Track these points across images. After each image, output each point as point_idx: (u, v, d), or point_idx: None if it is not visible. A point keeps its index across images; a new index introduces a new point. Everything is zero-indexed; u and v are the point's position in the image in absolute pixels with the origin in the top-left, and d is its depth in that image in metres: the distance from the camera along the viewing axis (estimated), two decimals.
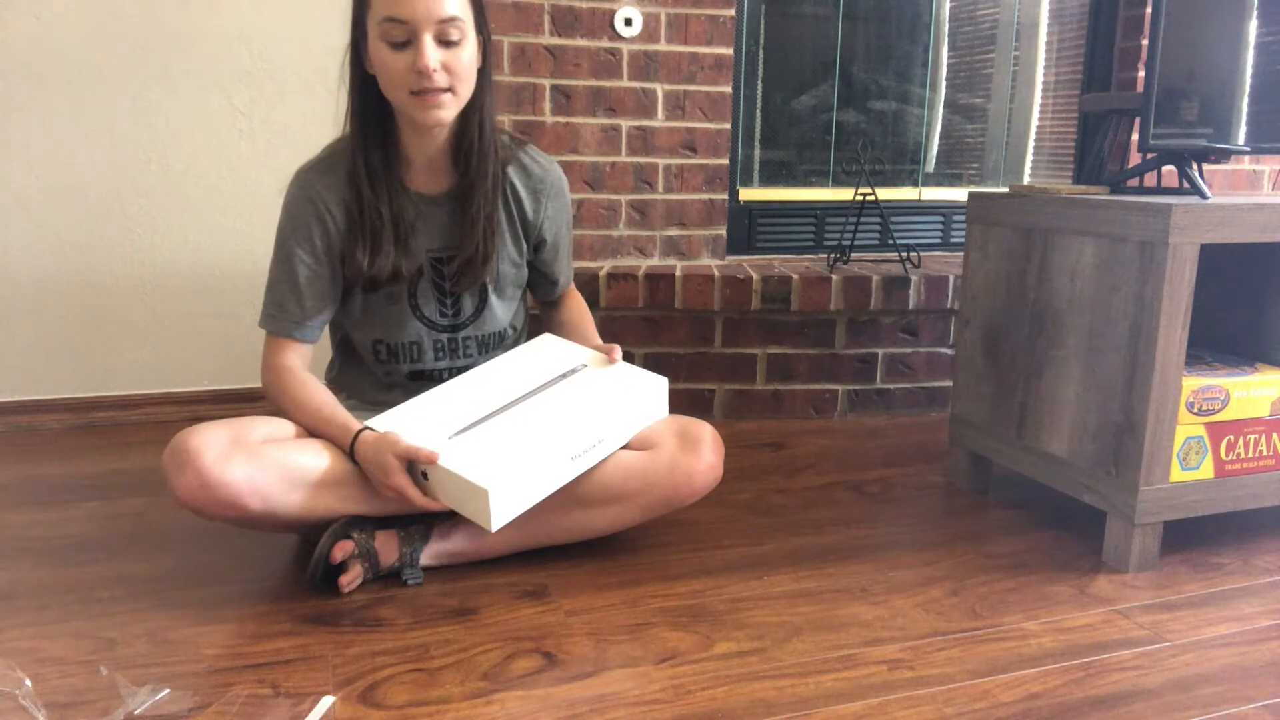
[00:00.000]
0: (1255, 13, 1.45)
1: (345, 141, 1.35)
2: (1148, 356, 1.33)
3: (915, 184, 2.55)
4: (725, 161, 2.22)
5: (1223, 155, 1.58)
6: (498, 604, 1.26)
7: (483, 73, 1.32)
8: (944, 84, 2.54)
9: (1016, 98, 2.63)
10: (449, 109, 1.27)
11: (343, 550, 1.25)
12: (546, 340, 1.47)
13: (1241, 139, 1.49)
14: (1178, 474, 1.39)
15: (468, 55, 1.26)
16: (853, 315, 2.13)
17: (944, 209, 2.52)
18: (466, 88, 1.28)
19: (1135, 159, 2.28)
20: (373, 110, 1.31)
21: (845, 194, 2.43)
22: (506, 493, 1.19)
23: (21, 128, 1.89)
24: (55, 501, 1.59)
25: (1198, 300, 1.69)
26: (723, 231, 2.26)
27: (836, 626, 1.22)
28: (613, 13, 2.09)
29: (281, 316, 1.34)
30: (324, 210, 1.32)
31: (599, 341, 1.49)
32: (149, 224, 1.99)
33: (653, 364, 2.10)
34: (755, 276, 2.06)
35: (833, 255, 2.27)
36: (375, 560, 1.28)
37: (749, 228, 2.38)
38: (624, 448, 1.35)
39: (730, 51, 2.17)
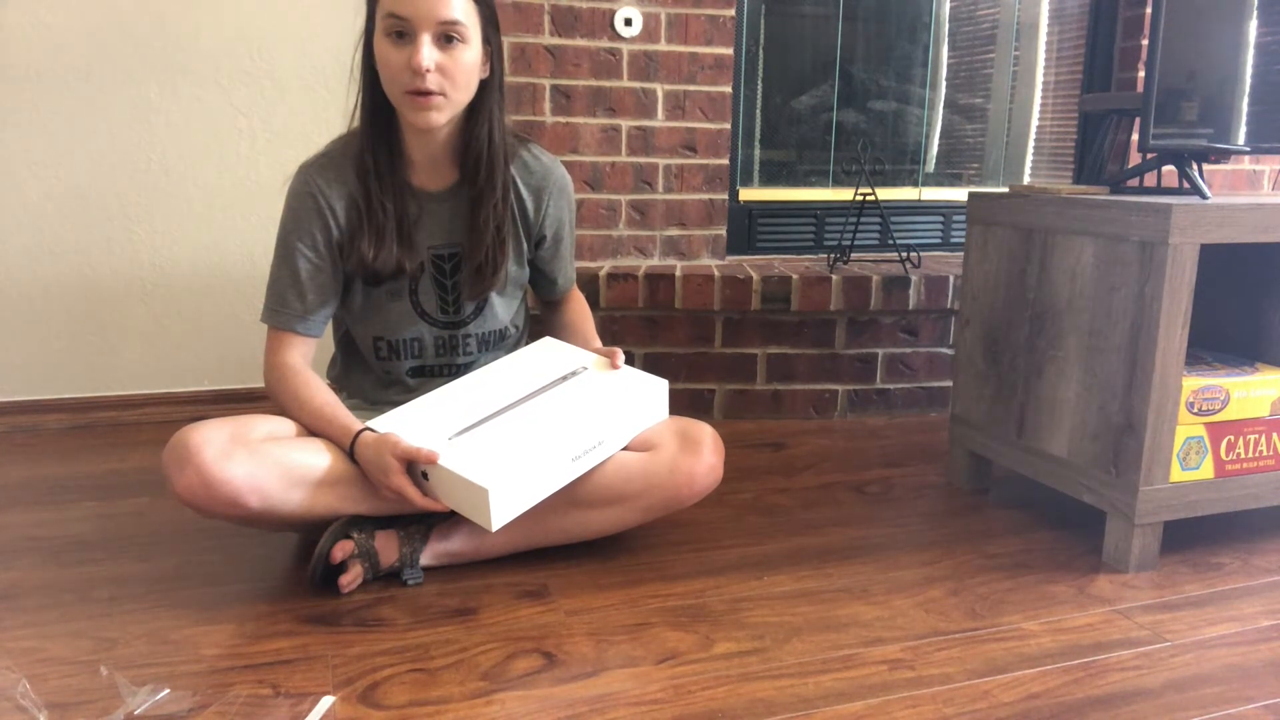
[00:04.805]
0: (1255, 13, 1.45)
1: (349, 137, 1.35)
2: (1148, 356, 1.33)
3: (915, 184, 2.54)
4: (725, 161, 2.22)
5: (1223, 155, 1.58)
6: (498, 604, 1.26)
7: (491, 84, 1.32)
8: (944, 84, 2.54)
9: (1016, 98, 2.63)
10: (440, 112, 1.26)
11: (343, 550, 1.25)
12: (547, 343, 1.47)
13: (1241, 139, 1.49)
14: (1178, 474, 1.39)
15: (467, 61, 1.26)
16: (853, 315, 2.13)
17: (944, 209, 2.52)
18: (461, 94, 1.28)
19: (1135, 159, 2.28)
20: (380, 106, 1.31)
21: (845, 194, 2.43)
22: (507, 492, 1.19)
23: (21, 128, 1.89)
24: (55, 501, 1.59)
25: (1198, 300, 1.69)
26: (723, 231, 2.26)
27: (836, 626, 1.22)
28: (613, 13, 2.09)
29: (283, 311, 1.34)
30: (325, 205, 1.32)
31: (599, 344, 1.49)
32: (149, 224, 1.99)
33: (653, 364, 2.10)
34: (755, 276, 2.06)
35: (833, 255, 2.27)
36: (375, 560, 1.28)
37: (749, 228, 2.38)
38: (624, 449, 1.35)
39: (730, 51, 2.17)
